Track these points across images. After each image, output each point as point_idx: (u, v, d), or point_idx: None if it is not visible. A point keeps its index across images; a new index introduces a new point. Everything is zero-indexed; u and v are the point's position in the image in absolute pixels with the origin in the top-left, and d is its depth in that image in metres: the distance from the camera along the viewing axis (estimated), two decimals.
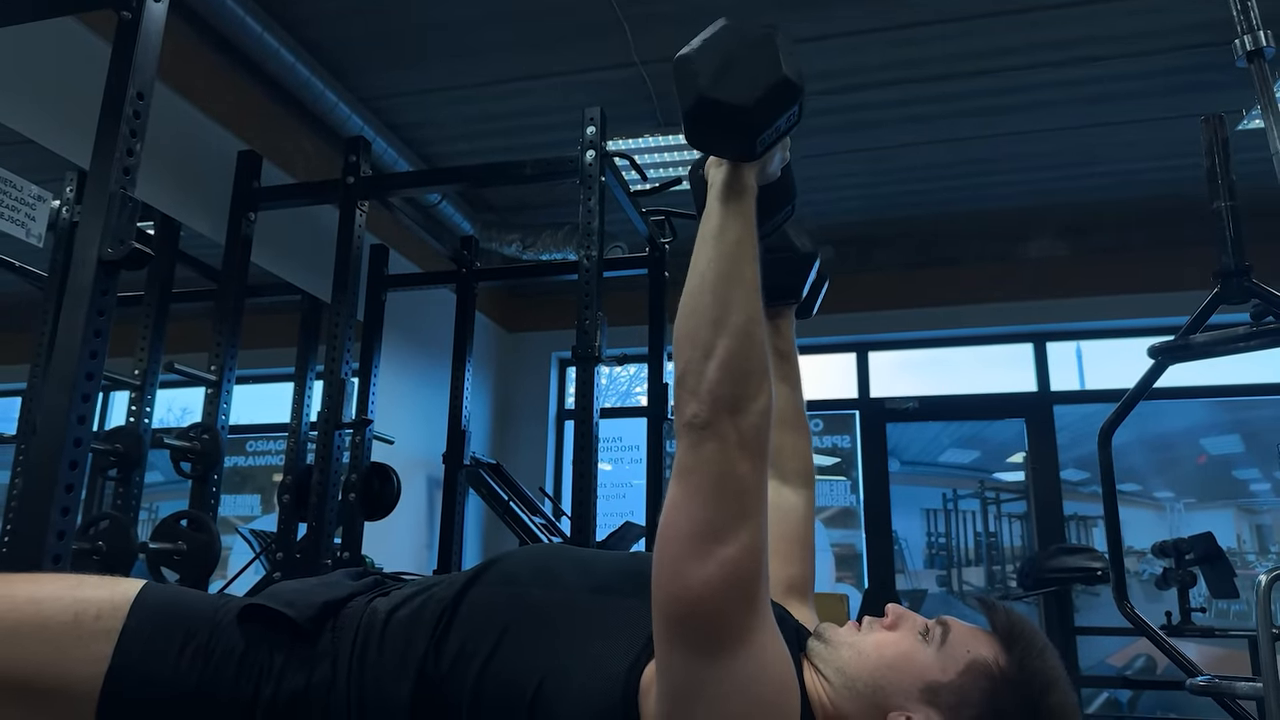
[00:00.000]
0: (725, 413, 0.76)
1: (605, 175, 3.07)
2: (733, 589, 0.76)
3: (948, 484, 5.82)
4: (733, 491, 0.76)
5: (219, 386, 3.29)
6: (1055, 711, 0.83)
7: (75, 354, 1.73)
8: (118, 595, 0.90)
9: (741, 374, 0.77)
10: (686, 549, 0.76)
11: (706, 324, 0.79)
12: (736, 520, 0.76)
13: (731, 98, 0.79)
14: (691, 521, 0.76)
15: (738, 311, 0.79)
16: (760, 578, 0.78)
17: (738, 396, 0.77)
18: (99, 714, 0.86)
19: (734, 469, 0.76)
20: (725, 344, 0.78)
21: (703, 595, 0.75)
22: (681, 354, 0.81)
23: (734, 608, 0.76)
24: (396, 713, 0.87)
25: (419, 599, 0.95)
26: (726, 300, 0.79)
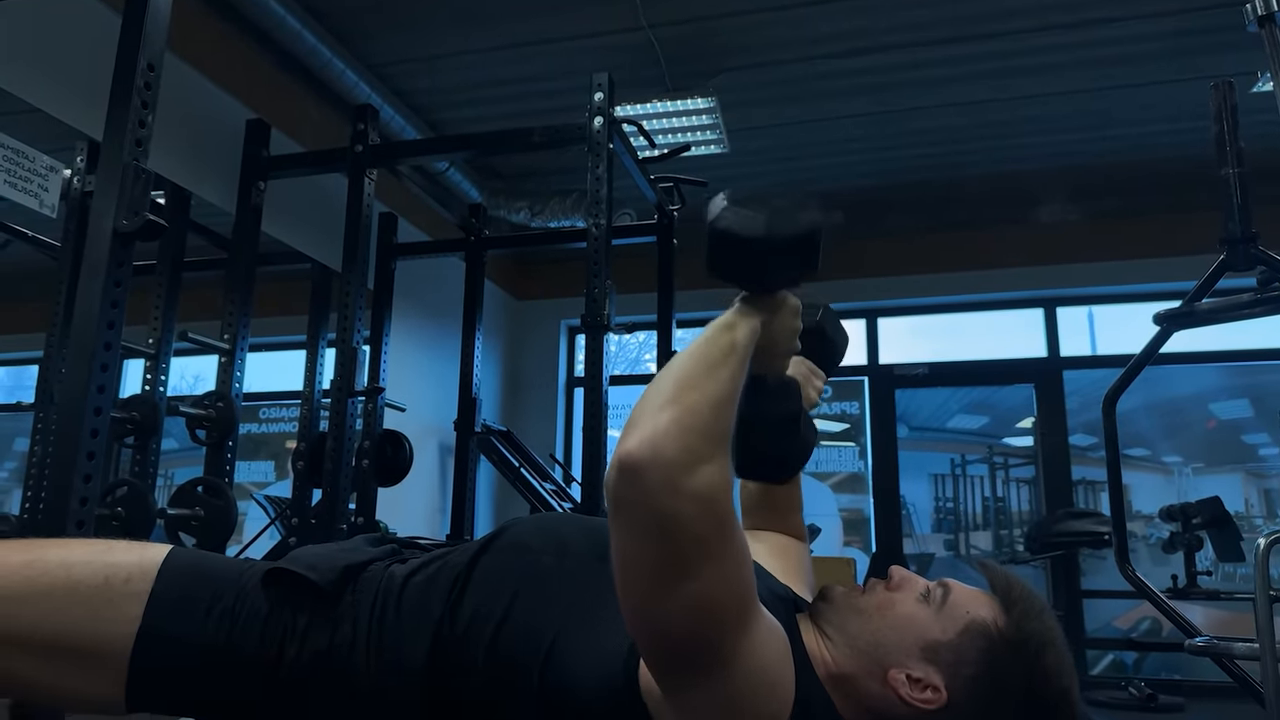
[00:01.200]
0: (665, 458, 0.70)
1: (613, 142, 3.06)
2: (706, 620, 0.73)
3: (956, 449, 5.84)
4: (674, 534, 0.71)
5: (232, 355, 3.33)
6: (1051, 670, 0.86)
7: (93, 325, 1.76)
8: (146, 559, 0.93)
9: (692, 429, 0.72)
10: (645, 589, 0.73)
11: (672, 388, 0.75)
12: (694, 553, 0.71)
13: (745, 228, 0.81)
14: (639, 567, 0.73)
15: (707, 390, 0.75)
16: (737, 606, 0.75)
17: (686, 450, 0.70)
18: (130, 673, 0.89)
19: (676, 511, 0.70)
20: (686, 402, 0.74)
21: (673, 631, 0.73)
22: (639, 406, 0.76)
23: (711, 635, 0.74)
24: (414, 671, 0.91)
25: (434, 565, 0.98)
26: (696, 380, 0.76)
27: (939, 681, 0.85)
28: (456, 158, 4.67)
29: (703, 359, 0.79)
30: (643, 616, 0.75)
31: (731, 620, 0.75)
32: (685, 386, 0.75)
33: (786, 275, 0.86)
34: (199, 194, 3.46)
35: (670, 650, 0.75)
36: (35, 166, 2.72)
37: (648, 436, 0.71)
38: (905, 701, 0.86)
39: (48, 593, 0.88)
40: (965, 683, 0.85)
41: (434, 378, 4.98)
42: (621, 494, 0.71)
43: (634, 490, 0.70)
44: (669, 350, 4.01)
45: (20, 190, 2.74)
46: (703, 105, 4.23)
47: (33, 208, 2.74)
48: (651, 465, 0.69)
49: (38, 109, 2.85)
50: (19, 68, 2.78)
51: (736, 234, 0.81)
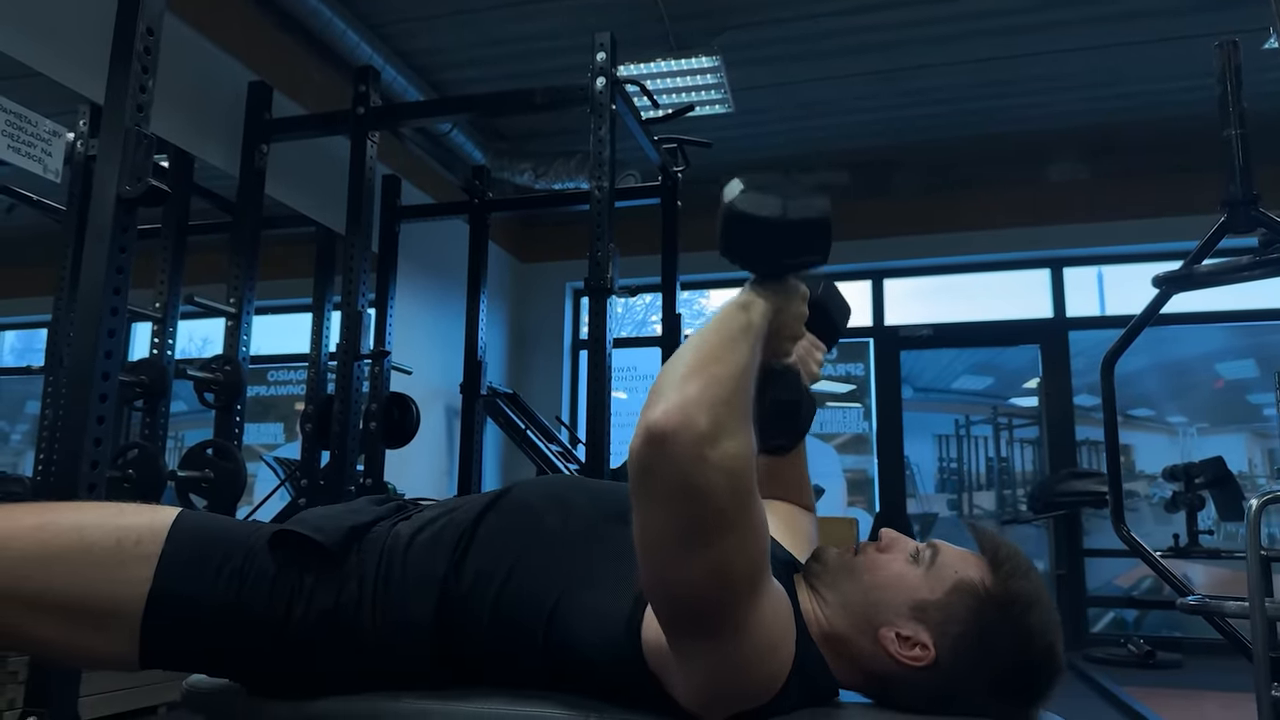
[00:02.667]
0: (694, 429, 0.70)
1: (616, 103, 3.04)
2: (722, 587, 0.75)
3: (961, 410, 5.86)
4: (700, 502, 0.72)
5: (238, 318, 3.35)
6: (1036, 628, 0.88)
7: (99, 291, 1.78)
8: (156, 522, 0.96)
9: (718, 403, 0.73)
10: (666, 555, 0.74)
11: (693, 363, 0.76)
12: (716, 521, 0.72)
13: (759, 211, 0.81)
14: (662, 534, 0.74)
15: (726, 364, 0.76)
16: (752, 577, 0.77)
17: (714, 422, 0.71)
18: (143, 631, 0.92)
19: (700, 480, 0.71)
20: (708, 375, 0.74)
21: (686, 597, 0.75)
22: (661, 379, 0.76)
23: (726, 601, 0.76)
24: (420, 628, 0.93)
25: (439, 523, 1.00)
26: (715, 355, 0.77)
27: (927, 639, 0.88)
28: (459, 119, 4.65)
29: (723, 334, 0.80)
30: (661, 581, 0.76)
31: (745, 588, 0.76)
32: (708, 359, 0.76)
33: (799, 260, 0.87)
34: (202, 157, 3.45)
35: (685, 614, 0.78)
36: (38, 131, 2.72)
37: (675, 406, 0.71)
38: (895, 659, 0.88)
39: (61, 555, 0.91)
40: (953, 640, 0.87)
41: (440, 341, 5.00)
42: (649, 462, 0.72)
43: (661, 459, 0.71)
44: (674, 312, 4.01)
45: (24, 155, 2.74)
46: (707, 64, 4.19)
47: (36, 172, 2.75)
48: (679, 434, 0.70)
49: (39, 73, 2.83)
50: (19, 31, 2.76)
51: (752, 218, 0.81)
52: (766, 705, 0.83)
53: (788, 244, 0.84)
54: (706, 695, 0.82)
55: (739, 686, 0.82)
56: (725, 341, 0.79)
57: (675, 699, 0.83)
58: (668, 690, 0.83)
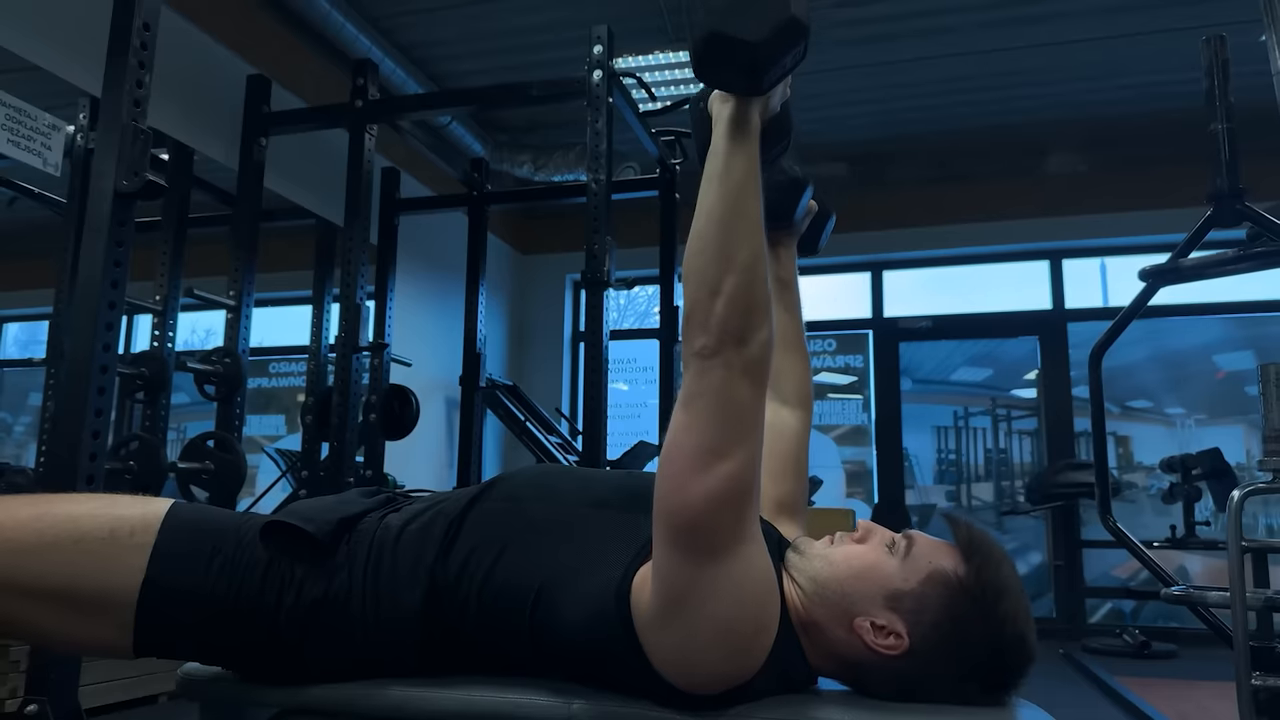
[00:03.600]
0: (731, 344, 0.82)
1: (613, 96, 3.05)
2: (729, 501, 0.83)
3: (960, 402, 5.87)
4: (734, 414, 0.83)
5: (238, 311, 3.37)
6: (1007, 617, 0.89)
7: (97, 284, 1.79)
8: (150, 513, 0.98)
9: (746, 308, 0.83)
10: (690, 465, 0.83)
11: (714, 261, 0.84)
12: (736, 440, 0.83)
13: (741, 33, 0.81)
14: (697, 441, 0.83)
15: (743, 248, 0.84)
16: (753, 492, 0.85)
17: (742, 329, 0.82)
18: (137, 621, 0.94)
19: (736, 394, 0.83)
20: (732, 280, 0.83)
21: (702, 506, 0.82)
22: (690, 290, 0.86)
23: (728, 518, 0.83)
24: (409, 616, 0.95)
25: (428, 514, 1.02)
26: (732, 238, 0.84)
27: (901, 628, 0.90)
28: (457, 112, 4.65)
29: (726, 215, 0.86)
30: (681, 490, 0.83)
31: (747, 505, 0.85)
32: (725, 262, 0.84)
33: (785, 70, 0.87)
34: (201, 150, 3.47)
35: (694, 525, 0.83)
36: (38, 125, 2.74)
37: (714, 333, 0.83)
38: (870, 647, 0.90)
39: (56, 545, 0.93)
40: (926, 629, 0.89)
41: (440, 333, 5.02)
42: (701, 387, 0.83)
43: (711, 381, 0.83)
44: (671, 306, 4.03)
45: (24, 149, 2.76)
46: None
47: (36, 166, 2.77)
48: (722, 357, 0.82)
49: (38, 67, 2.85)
50: (18, 25, 2.78)
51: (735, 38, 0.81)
52: (746, 685, 0.86)
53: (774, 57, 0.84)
54: (692, 656, 0.85)
55: (723, 644, 0.84)
56: (731, 223, 0.85)
57: (660, 672, 0.85)
58: (653, 662, 0.85)
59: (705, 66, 0.85)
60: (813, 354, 6.41)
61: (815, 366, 6.05)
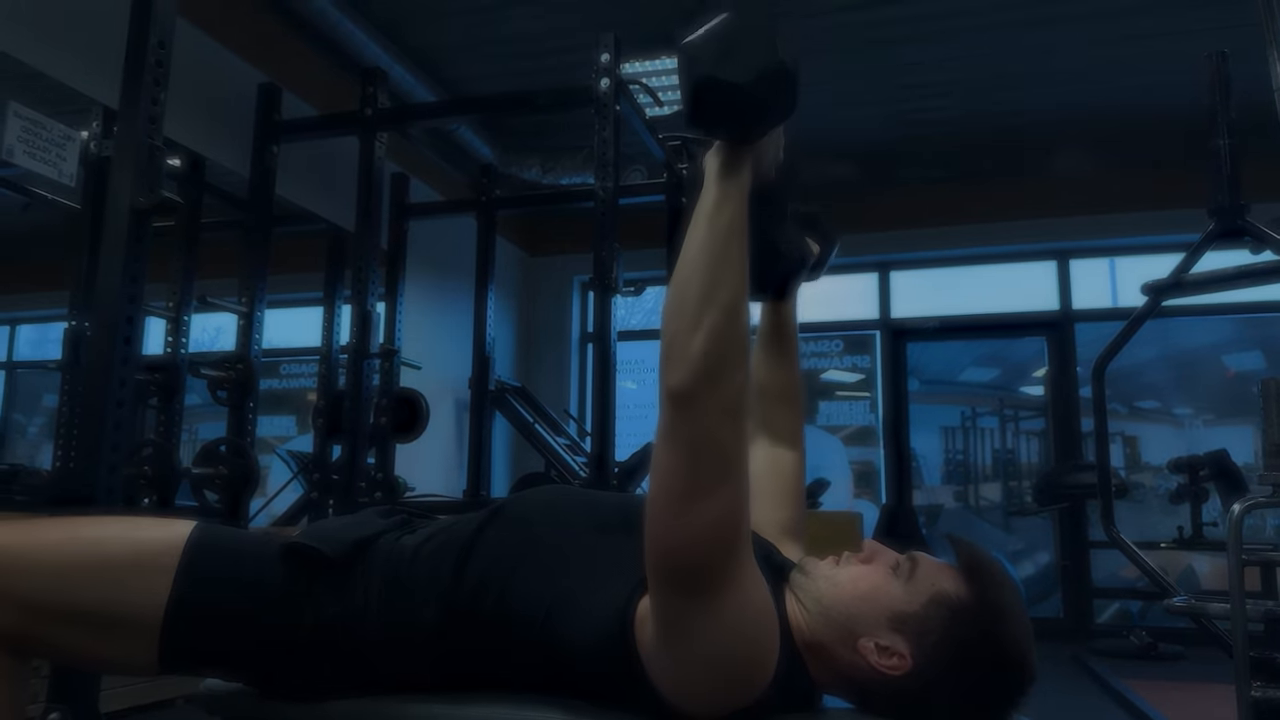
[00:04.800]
0: (708, 382, 0.81)
1: (620, 103, 3.07)
2: (717, 540, 0.83)
3: (967, 402, 5.88)
4: (715, 454, 0.82)
5: (250, 317, 3.40)
6: (1007, 639, 0.92)
7: (115, 299, 1.83)
8: (174, 535, 1.01)
9: (725, 347, 0.82)
10: (674, 507, 0.82)
11: (695, 299, 0.83)
12: (719, 478, 0.82)
13: (727, 76, 0.82)
14: (678, 484, 0.82)
15: (725, 289, 0.83)
16: (741, 527, 0.85)
17: (720, 368, 0.81)
18: (162, 640, 0.97)
19: (716, 433, 0.81)
20: (712, 318, 0.82)
21: (690, 548, 0.82)
22: (669, 324, 0.85)
23: (719, 557, 0.83)
24: (424, 635, 0.98)
25: (441, 536, 1.05)
26: (715, 278, 0.84)
27: (905, 649, 0.92)
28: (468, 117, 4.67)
29: (711, 256, 0.85)
30: (668, 533, 0.83)
31: (737, 542, 0.84)
32: (706, 301, 0.83)
33: (772, 117, 0.87)
34: (213, 159, 3.50)
35: (683, 566, 0.83)
36: (52, 135, 2.77)
37: (689, 370, 0.81)
38: (874, 668, 0.92)
39: (84, 569, 0.96)
40: (929, 650, 0.91)
41: (450, 336, 5.05)
42: (674, 423, 0.82)
43: (684, 419, 0.82)
44: None
45: (39, 160, 2.80)
46: None
47: (51, 177, 2.80)
48: (697, 396, 0.81)
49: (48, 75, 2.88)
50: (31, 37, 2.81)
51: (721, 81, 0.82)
52: (751, 707, 0.88)
53: (763, 105, 0.84)
54: (693, 685, 0.87)
55: (722, 675, 0.86)
56: (716, 265, 0.85)
57: (664, 697, 0.88)
58: (657, 687, 0.88)
59: (695, 112, 0.86)
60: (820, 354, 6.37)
61: (823, 366, 6.06)
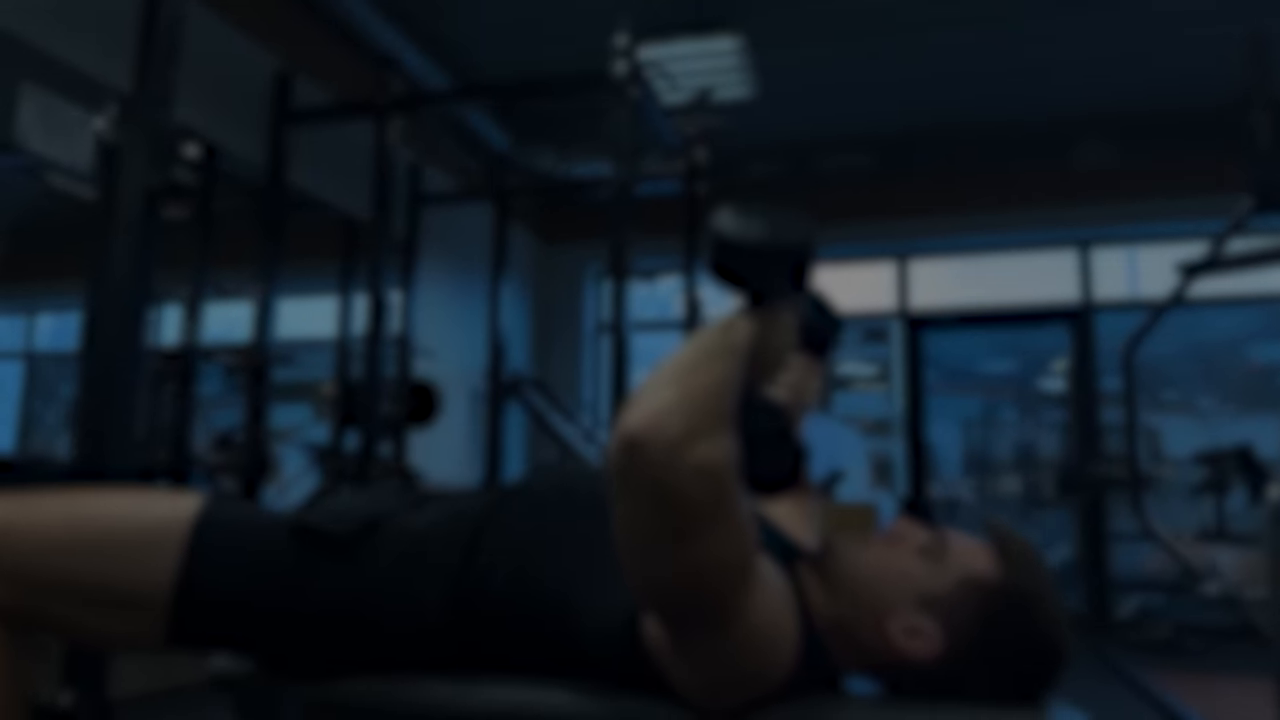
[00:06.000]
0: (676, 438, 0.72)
1: (637, 87, 3.03)
2: (704, 584, 0.76)
3: (986, 393, 5.82)
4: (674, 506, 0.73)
5: (265, 306, 3.39)
6: (1041, 621, 0.88)
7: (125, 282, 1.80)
8: (182, 509, 0.99)
9: (701, 409, 0.74)
10: (644, 556, 0.76)
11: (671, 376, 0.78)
12: (692, 523, 0.73)
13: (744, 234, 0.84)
14: (638, 535, 0.75)
15: (704, 376, 0.78)
16: (735, 567, 0.77)
17: (689, 427, 0.73)
18: (169, 617, 0.95)
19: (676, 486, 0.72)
20: (691, 381, 0.76)
21: (673, 594, 0.77)
22: (640, 392, 0.77)
23: (709, 598, 0.77)
24: (431, 617, 0.95)
25: (453, 516, 1.03)
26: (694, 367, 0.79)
27: (934, 631, 0.88)
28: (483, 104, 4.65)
29: (702, 351, 0.82)
30: (643, 580, 0.78)
31: (730, 584, 0.78)
32: (686, 371, 0.78)
33: (780, 283, 0.88)
34: (228, 146, 3.49)
35: (672, 612, 0.80)
36: (66, 119, 2.76)
37: (649, 412, 0.73)
38: (901, 651, 0.89)
39: (89, 543, 0.94)
40: (959, 632, 0.88)
41: (465, 326, 5.04)
42: (623, 467, 0.73)
43: (636, 464, 0.73)
44: (695, 295, 4.02)
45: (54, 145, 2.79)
46: (729, 46, 4.15)
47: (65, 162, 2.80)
48: (653, 440, 0.72)
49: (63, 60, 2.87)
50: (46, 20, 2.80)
51: (737, 240, 0.85)
52: (770, 693, 0.85)
53: (770, 267, 0.87)
54: (710, 688, 0.84)
55: (741, 678, 0.83)
56: (704, 357, 0.81)
57: (677, 690, 0.85)
58: (668, 681, 0.85)
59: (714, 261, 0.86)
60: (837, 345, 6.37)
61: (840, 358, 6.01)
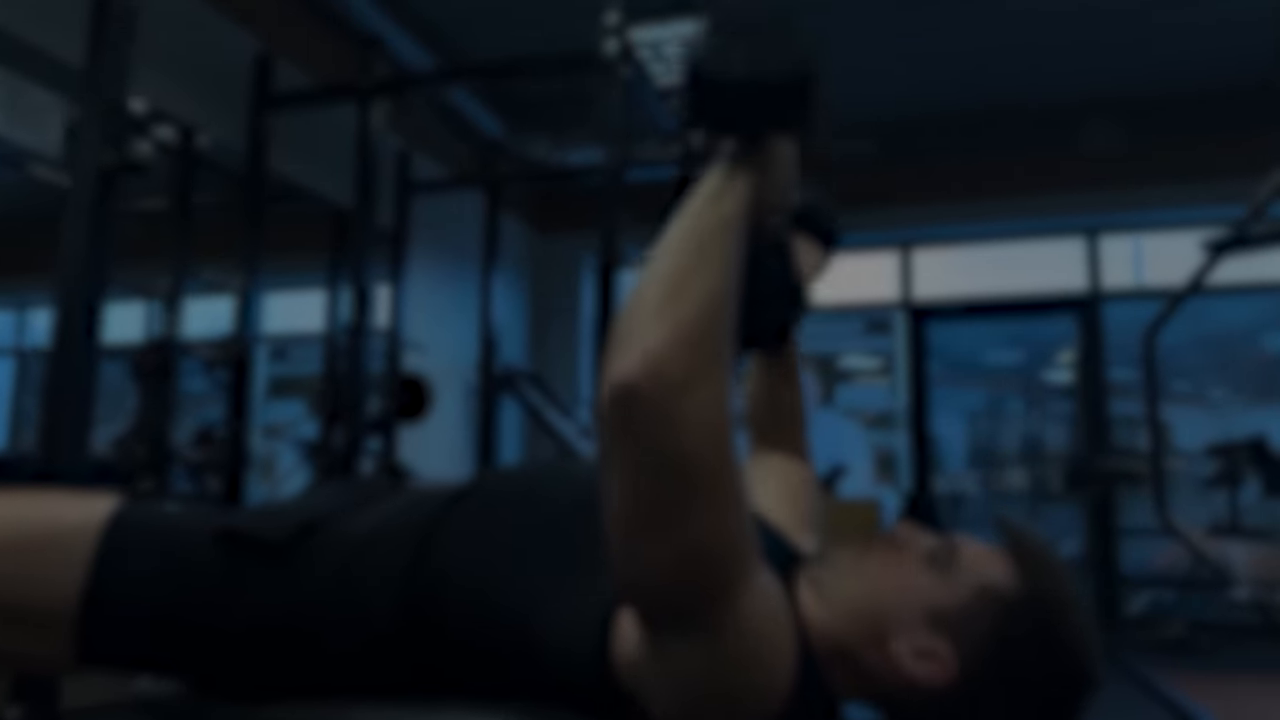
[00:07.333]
0: (665, 387, 0.63)
1: (629, 68, 2.91)
2: (700, 568, 0.67)
3: (991, 385, 5.71)
4: (677, 470, 0.64)
5: (246, 298, 3.28)
6: (1066, 638, 0.77)
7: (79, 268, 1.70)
8: (93, 514, 0.88)
9: (693, 344, 0.64)
10: (637, 534, 0.66)
11: (663, 287, 0.67)
12: (686, 501, 0.65)
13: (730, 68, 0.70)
14: (635, 505, 0.66)
15: (702, 281, 0.67)
16: (727, 557, 0.68)
17: (685, 372, 0.63)
18: (79, 633, 0.84)
19: (673, 444, 0.63)
20: (682, 309, 0.65)
21: (660, 588, 0.68)
22: (626, 311, 0.68)
23: (704, 585, 0.68)
24: (375, 634, 0.83)
25: (400, 519, 0.91)
26: (692, 268, 0.68)
27: (945, 652, 0.77)
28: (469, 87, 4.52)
29: (692, 246, 0.70)
30: (632, 563, 0.68)
31: (727, 570, 0.68)
32: (677, 288, 0.67)
33: (779, 119, 0.74)
34: (206, 131, 3.37)
35: (664, 604, 0.69)
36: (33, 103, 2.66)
37: (640, 357, 0.63)
38: (908, 674, 0.77)
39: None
40: (974, 653, 0.76)
41: (457, 318, 4.93)
42: (617, 425, 0.64)
43: (631, 421, 0.63)
44: None
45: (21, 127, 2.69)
46: None
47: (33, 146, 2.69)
48: (648, 391, 0.62)
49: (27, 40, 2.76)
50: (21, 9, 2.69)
51: (720, 74, 0.70)
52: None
53: (765, 100, 0.72)
54: (691, 712, 0.72)
55: (726, 697, 0.71)
56: (696, 258, 0.69)
57: None
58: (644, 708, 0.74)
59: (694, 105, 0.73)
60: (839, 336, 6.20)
61: (841, 349, 5.90)
